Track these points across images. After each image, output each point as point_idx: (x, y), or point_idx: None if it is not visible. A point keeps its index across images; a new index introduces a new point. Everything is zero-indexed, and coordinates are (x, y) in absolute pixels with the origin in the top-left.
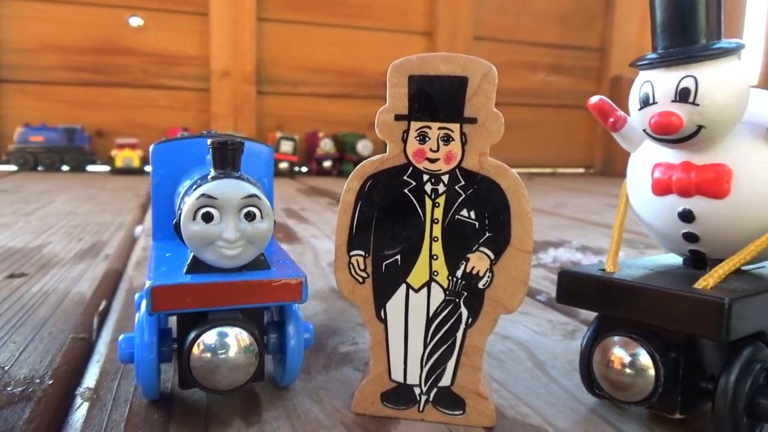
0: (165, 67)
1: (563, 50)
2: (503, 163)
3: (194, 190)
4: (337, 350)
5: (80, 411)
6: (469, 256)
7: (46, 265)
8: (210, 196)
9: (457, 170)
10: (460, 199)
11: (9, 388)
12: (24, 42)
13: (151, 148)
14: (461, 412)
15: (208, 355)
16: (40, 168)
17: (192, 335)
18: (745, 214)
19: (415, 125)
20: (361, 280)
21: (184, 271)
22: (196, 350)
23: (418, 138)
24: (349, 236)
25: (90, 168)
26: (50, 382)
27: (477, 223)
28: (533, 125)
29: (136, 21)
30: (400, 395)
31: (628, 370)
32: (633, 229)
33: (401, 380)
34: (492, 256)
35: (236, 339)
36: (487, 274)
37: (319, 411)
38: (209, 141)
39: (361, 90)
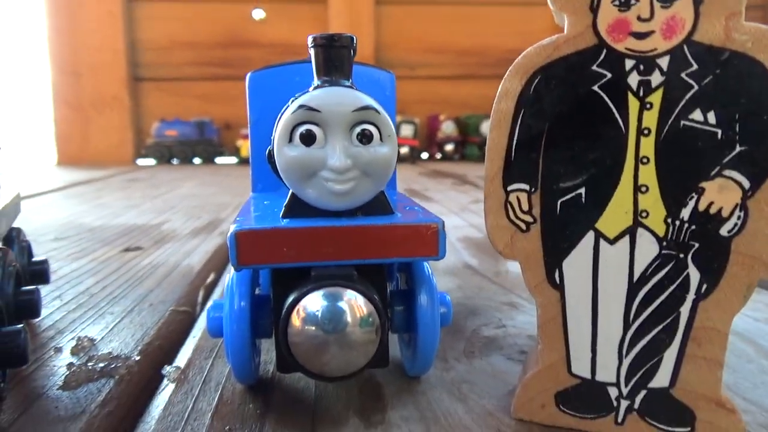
0: (286, 56)
1: None
2: None
3: (292, 103)
4: (479, 333)
5: (162, 396)
6: (704, 185)
7: (161, 240)
8: (312, 108)
9: (685, 47)
10: (689, 94)
11: (91, 363)
12: (158, 41)
13: (247, 76)
14: (688, 429)
15: (313, 327)
16: (174, 161)
17: (290, 299)
18: None
19: None
20: (524, 226)
21: (281, 214)
22: (296, 320)
23: (617, 2)
24: (506, 163)
25: (218, 160)
26: (137, 358)
27: (720, 131)
28: None
29: (258, 14)
30: (585, 398)
31: None
32: None
33: (587, 376)
34: (746, 185)
35: (350, 306)
36: (737, 213)
37: (465, 413)
38: (310, 39)
39: (482, 69)
